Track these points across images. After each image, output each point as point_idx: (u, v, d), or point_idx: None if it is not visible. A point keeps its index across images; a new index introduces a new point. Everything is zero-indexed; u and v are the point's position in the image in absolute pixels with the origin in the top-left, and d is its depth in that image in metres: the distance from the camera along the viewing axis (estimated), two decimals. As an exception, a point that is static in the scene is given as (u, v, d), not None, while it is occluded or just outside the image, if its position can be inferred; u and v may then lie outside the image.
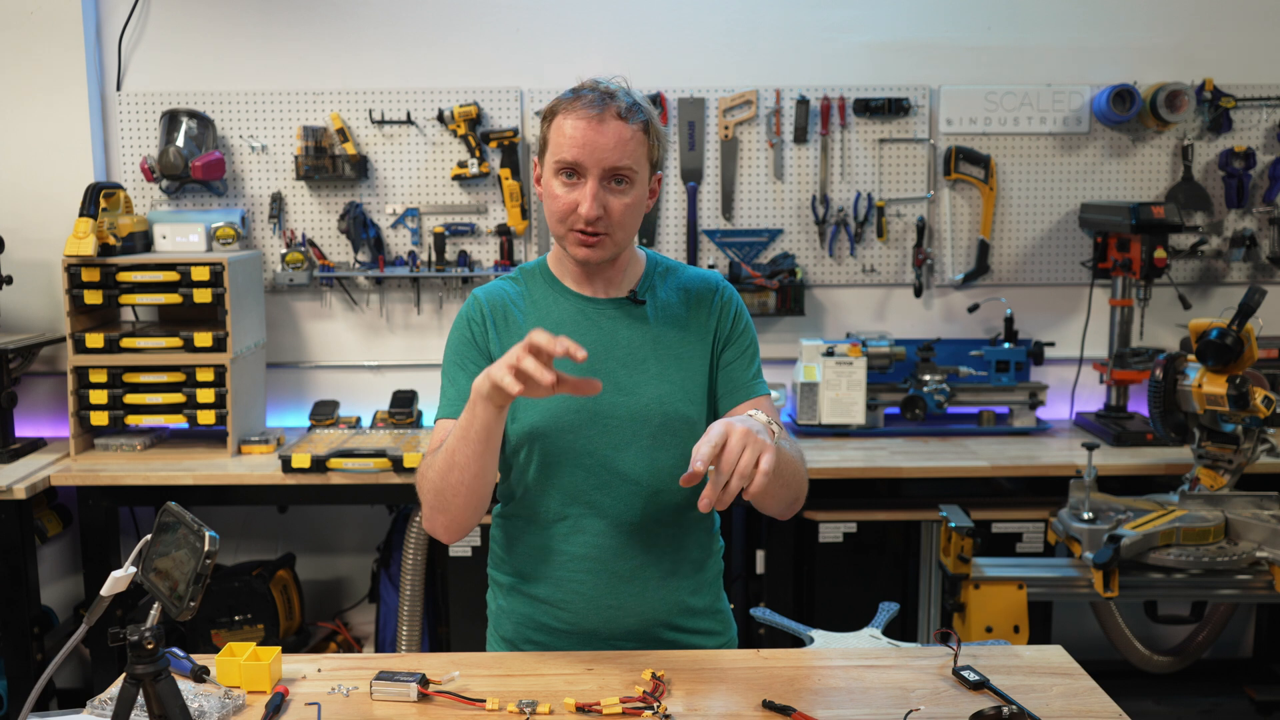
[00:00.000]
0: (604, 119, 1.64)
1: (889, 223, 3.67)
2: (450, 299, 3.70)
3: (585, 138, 1.63)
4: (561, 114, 1.67)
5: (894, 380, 3.55)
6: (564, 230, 1.69)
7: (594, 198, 1.64)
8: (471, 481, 1.60)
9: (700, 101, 3.60)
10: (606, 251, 1.70)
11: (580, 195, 1.65)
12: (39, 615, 3.22)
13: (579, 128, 1.64)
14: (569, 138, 1.64)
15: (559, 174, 1.67)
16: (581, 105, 1.65)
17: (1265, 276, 3.72)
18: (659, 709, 1.51)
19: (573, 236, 1.68)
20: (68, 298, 3.23)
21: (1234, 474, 2.85)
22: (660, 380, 1.74)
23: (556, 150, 1.66)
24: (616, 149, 1.64)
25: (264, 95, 3.59)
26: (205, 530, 1.24)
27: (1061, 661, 1.71)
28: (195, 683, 1.55)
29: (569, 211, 1.66)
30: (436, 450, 1.66)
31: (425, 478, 1.66)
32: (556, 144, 1.66)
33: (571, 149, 1.64)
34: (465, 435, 1.58)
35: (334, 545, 3.85)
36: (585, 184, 1.65)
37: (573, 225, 1.67)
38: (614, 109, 1.64)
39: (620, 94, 1.67)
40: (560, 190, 1.67)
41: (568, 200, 1.66)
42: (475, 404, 1.55)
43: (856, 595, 3.24)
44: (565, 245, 1.71)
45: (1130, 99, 3.51)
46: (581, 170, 1.65)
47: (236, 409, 3.32)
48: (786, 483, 1.66)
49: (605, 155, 1.64)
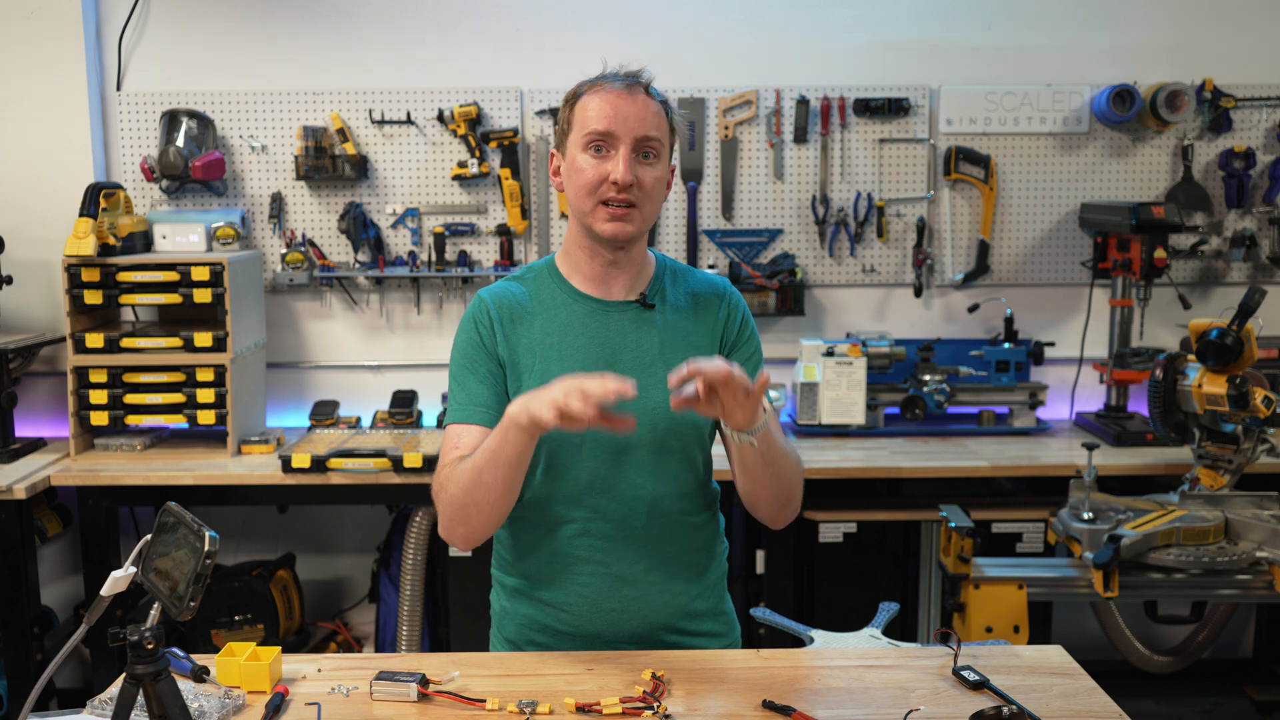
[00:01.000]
0: (633, 91, 1.68)
1: (889, 223, 3.67)
2: (450, 299, 3.70)
3: (616, 108, 1.66)
4: (587, 94, 1.70)
5: (894, 380, 3.55)
6: (592, 204, 1.68)
7: (627, 163, 1.66)
8: (497, 500, 1.62)
9: (700, 101, 3.60)
10: (634, 226, 1.69)
11: (611, 165, 1.66)
12: (39, 615, 3.22)
13: (609, 99, 1.67)
14: (599, 110, 1.67)
15: (588, 148, 1.68)
16: (607, 84, 1.69)
17: (1265, 276, 3.72)
18: (659, 709, 1.51)
19: (601, 211, 1.68)
20: (68, 298, 3.23)
21: (1234, 474, 2.85)
22: (667, 385, 1.73)
23: (584, 125, 1.68)
24: (646, 119, 1.68)
25: (264, 95, 3.59)
26: (205, 530, 1.24)
27: (1061, 661, 1.71)
28: (195, 683, 1.56)
29: (599, 181, 1.67)
30: (458, 463, 1.65)
31: (445, 490, 1.66)
32: (583, 120, 1.68)
33: (603, 119, 1.66)
34: (495, 459, 1.58)
35: (334, 545, 3.85)
36: (616, 153, 1.66)
37: (603, 196, 1.67)
38: (640, 85, 1.70)
39: (643, 75, 1.72)
40: (589, 163, 1.67)
41: (598, 171, 1.67)
42: (509, 430, 1.55)
43: (856, 595, 3.24)
44: (592, 222, 1.69)
45: (1130, 99, 3.51)
46: (613, 140, 1.66)
47: (236, 409, 3.32)
48: (778, 473, 1.67)
49: (637, 124, 1.67)
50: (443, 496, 1.67)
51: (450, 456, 1.70)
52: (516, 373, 1.74)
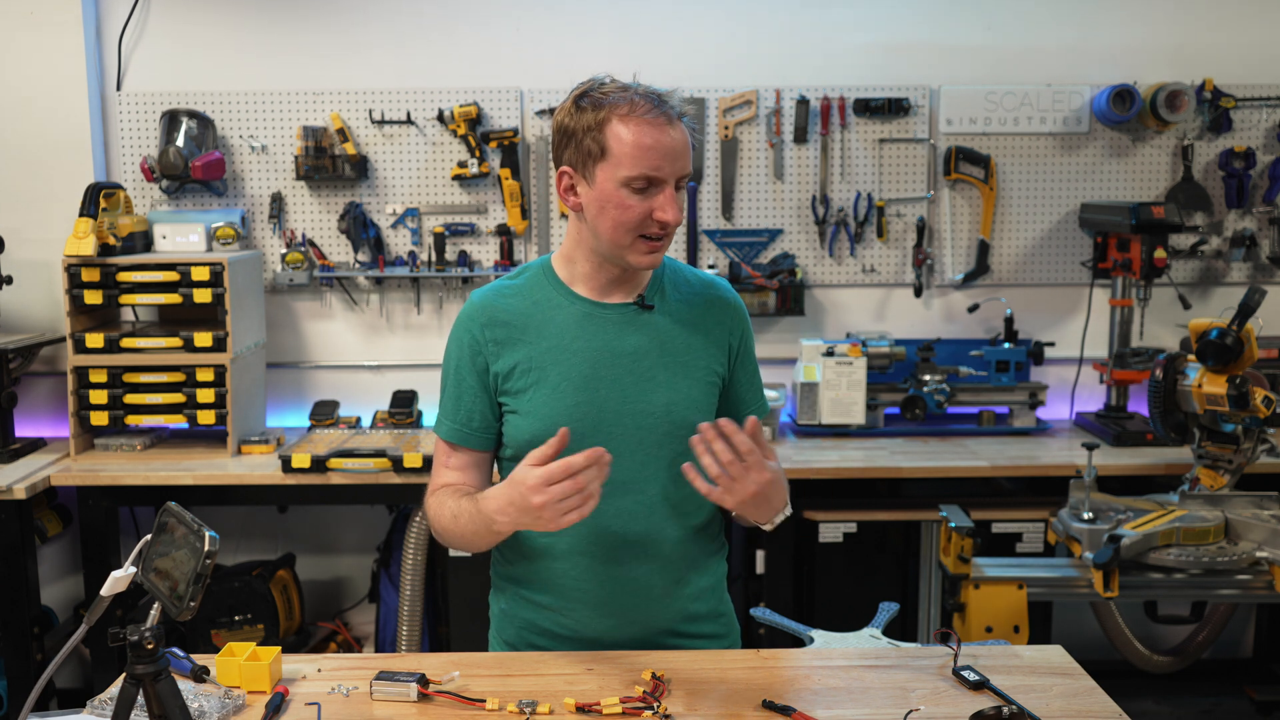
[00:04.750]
0: (672, 123, 1.61)
1: (889, 223, 3.67)
2: (450, 299, 3.70)
3: (661, 147, 1.60)
4: (619, 121, 1.60)
5: (894, 380, 3.54)
6: (631, 239, 1.64)
7: (675, 202, 1.63)
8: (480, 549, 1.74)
9: (700, 101, 3.60)
10: (665, 252, 1.71)
11: (656, 203, 1.62)
12: (39, 615, 3.22)
13: (650, 135, 1.59)
14: (643, 148, 1.59)
15: (629, 184, 1.61)
16: (642, 112, 1.60)
17: (1265, 276, 3.72)
18: (659, 709, 1.51)
19: (641, 245, 1.65)
20: (68, 298, 3.23)
21: (1234, 474, 2.85)
22: (667, 388, 1.72)
23: (627, 163, 1.59)
24: (685, 154, 1.63)
25: (264, 95, 3.59)
26: (205, 530, 1.24)
27: (1061, 661, 1.71)
28: (195, 683, 1.56)
29: (643, 219, 1.62)
30: (446, 492, 1.72)
31: (434, 514, 1.74)
32: (622, 155, 1.59)
33: (650, 160, 1.59)
34: (476, 535, 1.66)
35: (334, 545, 3.85)
36: (661, 191, 1.62)
37: (646, 231, 1.64)
38: (676, 116, 1.63)
39: (666, 94, 1.64)
40: (633, 200, 1.61)
41: (643, 209, 1.62)
42: (492, 522, 1.60)
43: (856, 595, 3.24)
44: (628, 254, 1.66)
45: (1130, 99, 3.51)
46: (659, 181, 1.62)
47: (236, 409, 3.32)
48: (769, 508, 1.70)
49: (680, 163, 1.63)
50: (431, 517, 1.75)
51: (441, 478, 1.77)
52: (513, 381, 1.72)
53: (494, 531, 1.62)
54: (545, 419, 1.70)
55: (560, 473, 1.47)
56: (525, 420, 1.71)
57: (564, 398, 1.70)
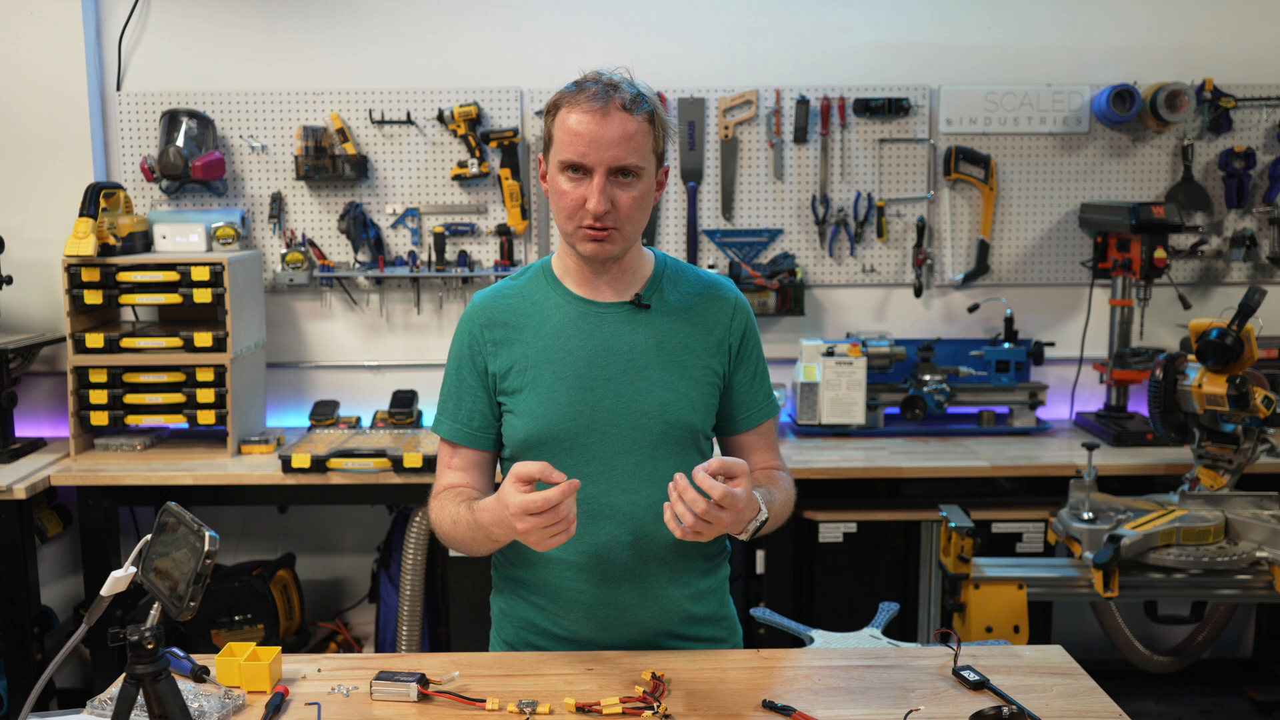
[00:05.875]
0: (608, 113, 1.60)
1: (889, 223, 3.67)
2: (450, 299, 3.70)
3: (590, 134, 1.59)
4: (565, 108, 1.63)
5: (894, 380, 3.54)
6: (572, 227, 1.66)
7: (600, 193, 1.61)
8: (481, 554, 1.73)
9: (700, 101, 3.60)
10: (616, 246, 1.67)
11: (587, 191, 1.62)
12: (39, 615, 3.22)
13: (583, 123, 1.60)
14: (573, 134, 1.60)
15: (564, 171, 1.63)
16: (585, 99, 1.61)
17: (1265, 276, 3.72)
18: (659, 709, 1.51)
19: (581, 233, 1.65)
20: (68, 298, 3.23)
21: (1234, 474, 2.85)
22: (663, 388, 1.72)
23: (560, 149, 1.63)
24: (621, 144, 1.60)
25: (264, 95, 3.59)
26: (205, 530, 1.24)
27: (1061, 661, 1.71)
28: (195, 683, 1.56)
29: (576, 208, 1.63)
30: (449, 494, 1.73)
31: (437, 523, 1.74)
32: (560, 141, 1.63)
33: (576, 147, 1.61)
34: (475, 542, 1.67)
35: (334, 545, 3.85)
36: (592, 180, 1.62)
37: (580, 221, 1.64)
38: (617, 101, 1.61)
39: (624, 85, 1.64)
40: (567, 186, 1.63)
41: (575, 196, 1.63)
42: (489, 532, 1.60)
43: (856, 595, 3.24)
44: (574, 242, 1.68)
45: (1130, 99, 3.51)
46: (587, 168, 1.62)
47: (236, 409, 3.32)
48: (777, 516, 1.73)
49: (610, 152, 1.60)
50: (434, 521, 1.75)
51: (444, 479, 1.78)
52: (509, 381, 1.73)
53: (492, 540, 1.63)
54: (539, 419, 1.70)
55: (539, 506, 1.47)
56: (520, 420, 1.72)
57: (557, 397, 1.70)
